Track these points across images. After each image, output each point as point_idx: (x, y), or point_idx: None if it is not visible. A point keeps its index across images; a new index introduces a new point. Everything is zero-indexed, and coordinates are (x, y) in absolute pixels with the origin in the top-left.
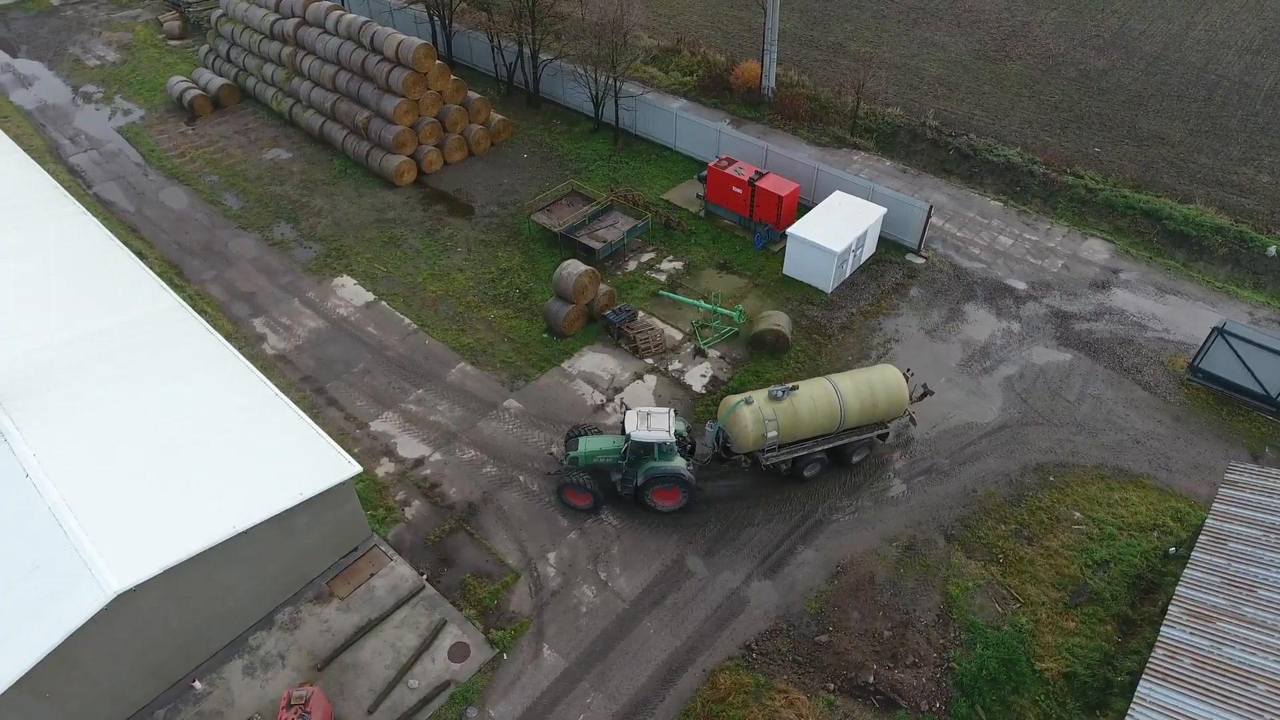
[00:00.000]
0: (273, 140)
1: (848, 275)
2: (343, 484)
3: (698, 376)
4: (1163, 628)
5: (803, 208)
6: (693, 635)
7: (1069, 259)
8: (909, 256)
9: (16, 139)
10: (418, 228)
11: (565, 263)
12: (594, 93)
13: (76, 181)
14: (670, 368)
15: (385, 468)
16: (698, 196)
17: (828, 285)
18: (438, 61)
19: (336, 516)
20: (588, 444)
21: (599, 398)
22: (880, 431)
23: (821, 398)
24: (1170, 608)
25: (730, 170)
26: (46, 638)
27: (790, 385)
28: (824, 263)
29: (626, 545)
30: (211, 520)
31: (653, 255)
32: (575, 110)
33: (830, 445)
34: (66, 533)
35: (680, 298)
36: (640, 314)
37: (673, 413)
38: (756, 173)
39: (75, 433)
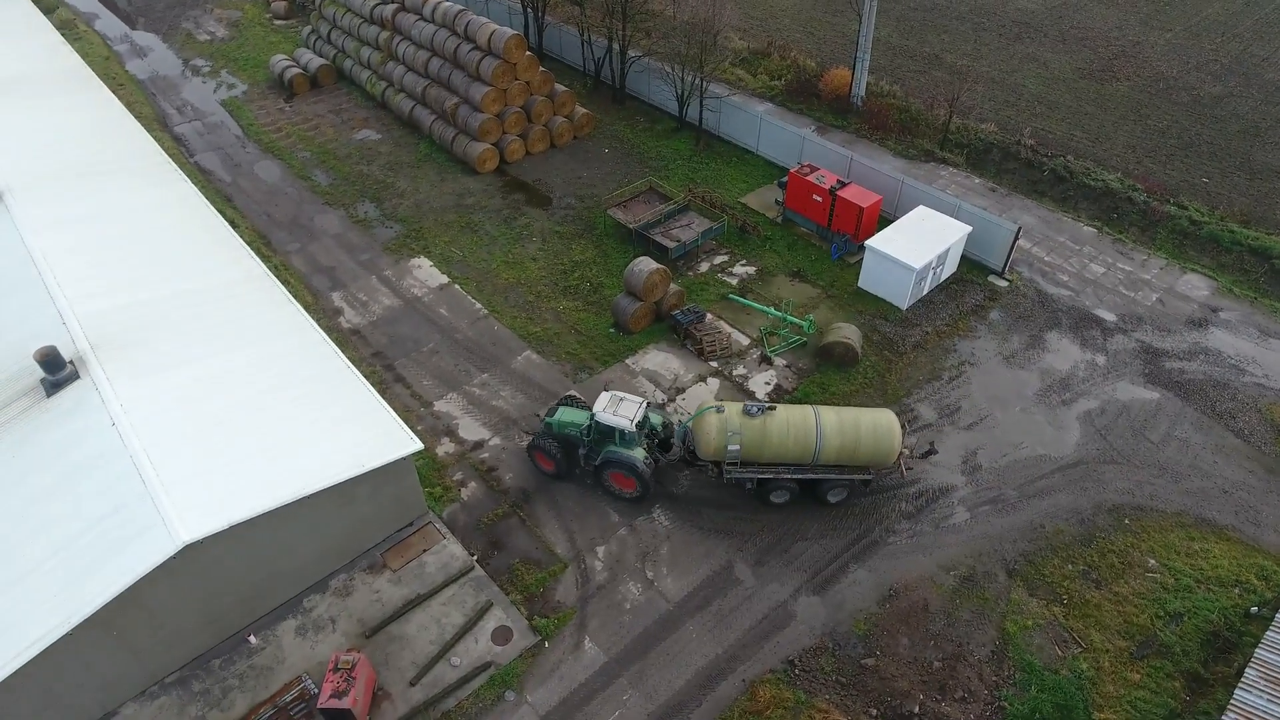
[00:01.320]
0: (364, 121)
1: (925, 293)
2: (404, 459)
3: (762, 384)
4: (1237, 690)
5: (883, 220)
6: (735, 644)
7: (1165, 293)
8: (992, 278)
9: (129, 106)
10: (495, 215)
11: (637, 259)
12: (679, 92)
13: (180, 150)
14: (734, 373)
15: (445, 447)
16: (776, 202)
17: (903, 301)
18: (527, 53)
19: (395, 490)
20: (564, 414)
21: (660, 397)
22: (863, 477)
23: (798, 426)
24: (1247, 670)
25: (811, 178)
26: (118, 578)
27: (769, 405)
28: (901, 278)
29: (676, 546)
30: (278, 482)
31: (725, 258)
32: (659, 108)
33: (803, 476)
34: (145, 481)
35: (750, 303)
36: (708, 316)
37: (645, 404)
38: (839, 182)
39: (160, 386)
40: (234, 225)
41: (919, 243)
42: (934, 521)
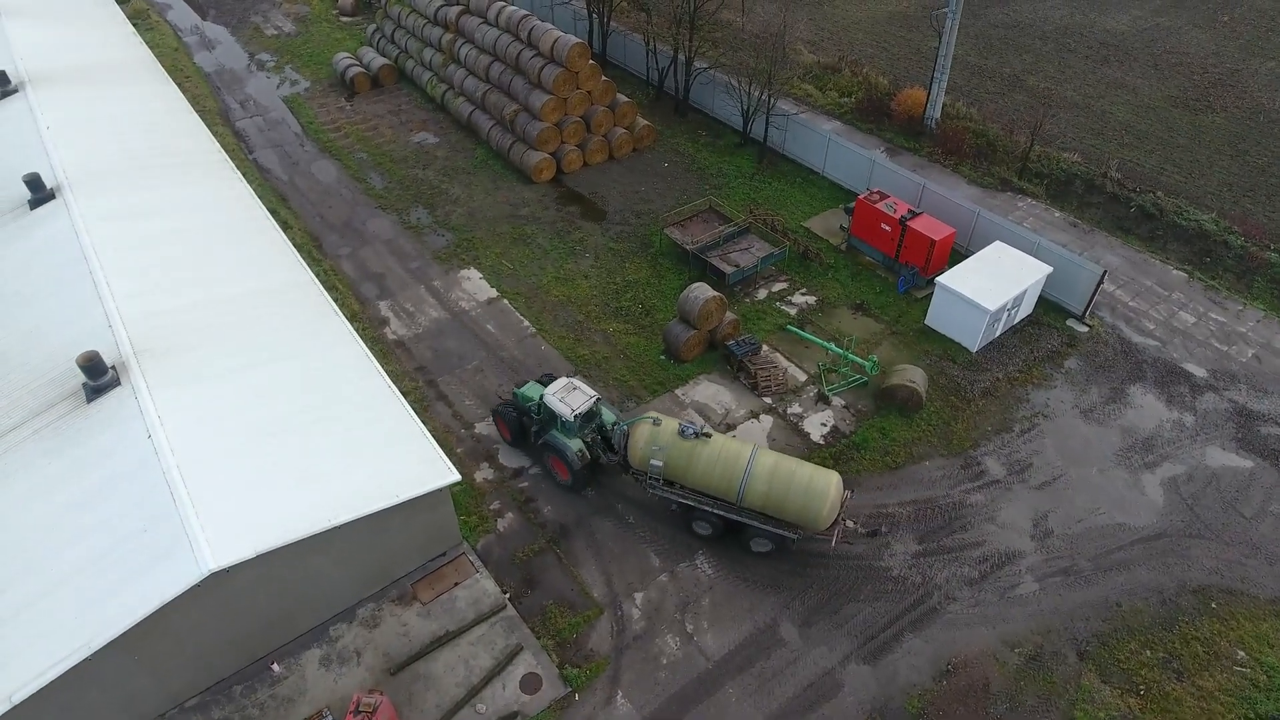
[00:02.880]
0: (422, 124)
1: (998, 335)
2: (440, 490)
3: (818, 424)
4: None
5: (956, 254)
6: (777, 712)
7: (1262, 348)
8: (1070, 322)
9: (194, 99)
10: (549, 227)
11: (693, 285)
12: (745, 107)
13: (240, 146)
14: (789, 410)
15: (484, 473)
16: (841, 228)
17: (974, 344)
18: (590, 61)
19: (430, 520)
20: (529, 389)
21: (708, 430)
22: (788, 534)
23: (728, 460)
24: None
25: (881, 205)
26: (142, 603)
27: (705, 430)
28: (973, 319)
29: (718, 598)
30: (309, 509)
31: (785, 286)
32: (722, 122)
33: (726, 514)
34: (175, 499)
35: (809, 336)
36: (764, 348)
37: (596, 400)
38: (910, 211)
39: (199, 398)
40: (286, 226)
41: (994, 282)
42: (999, 590)
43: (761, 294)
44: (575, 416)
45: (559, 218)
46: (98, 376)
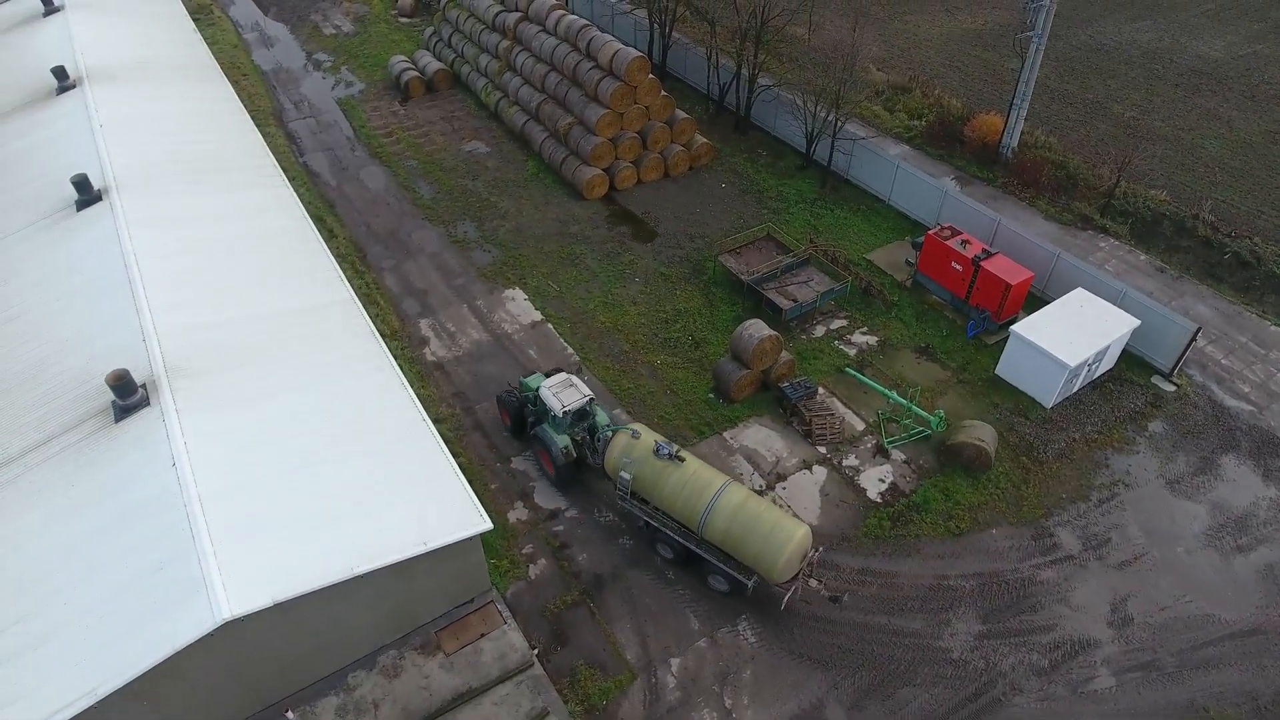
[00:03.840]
0: (474, 132)
1: (1075, 390)
2: (471, 538)
3: (875, 480)
4: None
5: (1031, 297)
6: None
7: None
8: (1156, 380)
9: (249, 98)
10: (598, 248)
11: (747, 323)
12: (809, 128)
13: (291, 148)
14: (845, 462)
15: (518, 513)
16: (907, 263)
17: (1049, 399)
18: (650, 76)
19: (458, 566)
20: (533, 379)
21: (758, 482)
22: (743, 579)
23: (696, 488)
24: None
25: (952, 243)
26: (152, 651)
27: (679, 454)
28: (1051, 374)
29: (761, 671)
30: (332, 553)
31: (844, 323)
32: (784, 142)
33: (683, 542)
34: (194, 537)
35: (869, 382)
36: (820, 391)
37: (590, 400)
38: (984, 251)
39: (227, 425)
40: (331, 235)
41: (1075, 333)
42: (1070, 684)
43: (819, 331)
44: (565, 413)
45: (609, 238)
46: (127, 396)
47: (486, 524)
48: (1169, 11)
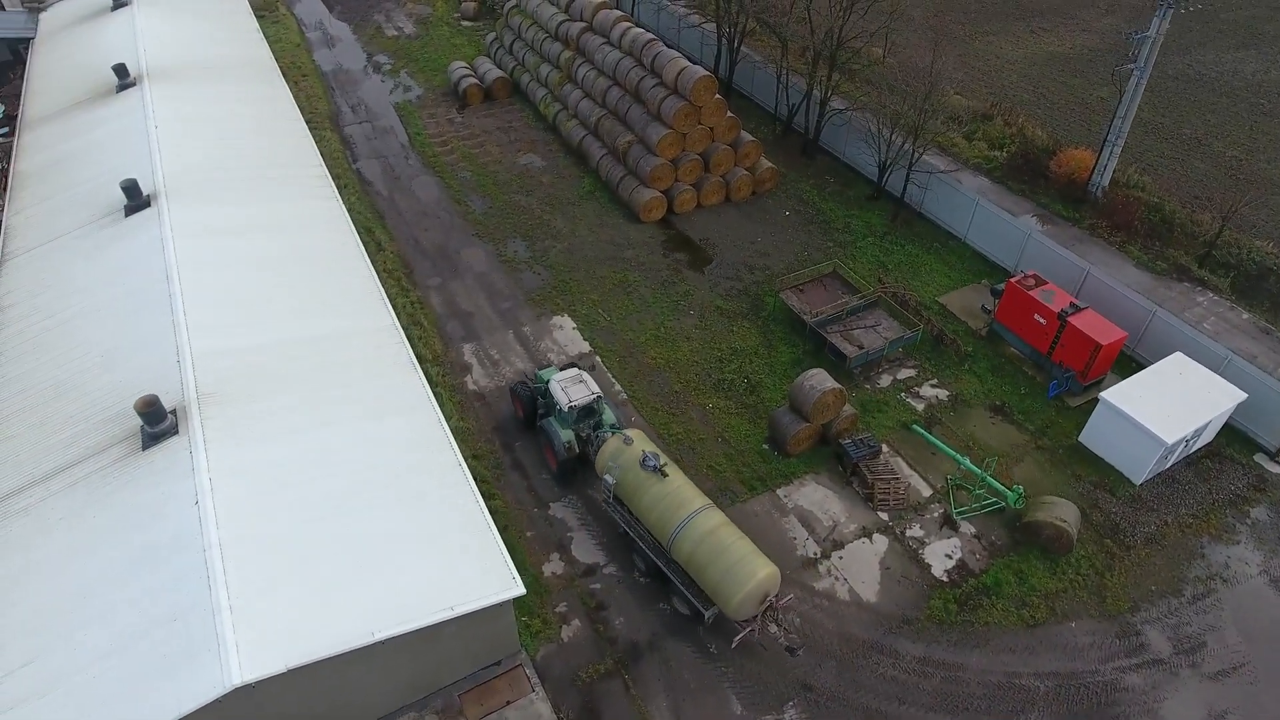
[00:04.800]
0: (530, 144)
1: (1169, 465)
2: (502, 603)
3: (941, 555)
4: None
5: (1123, 359)
6: None
7: None
8: (1260, 458)
9: (307, 100)
10: (653, 275)
11: (809, 373)
12: (883, 157)
13: (345, 153)
14: (908, 532)
15: (554, 566)
16: (984, 310)
17: (1139, 475)
18: (716, 96)
19: (487, 629)
20: (546, 372)
21: (812, 549)
22: (701, 608)
23: (672, 504)
24: None
25: (1036, 293)
26: (160, 714)
27: (664, 468)
28: (1143, 449)
29: None
30: (352, 614)
31: (913, 373)
32: (854, 169)
33: (656, 559)
34: (211, 587)
35: (939, 443)
36: (884, 449)
37: (598, 397)
38: (1072, 305)
39: (254, 461)
40: (380, 248)
41: (1173, 405)
42: None
43: (885, 380)
44: (570, 408)
45: (664, 265)
46: (156, 423)
47: (519, 588)
48: (1275, 41)
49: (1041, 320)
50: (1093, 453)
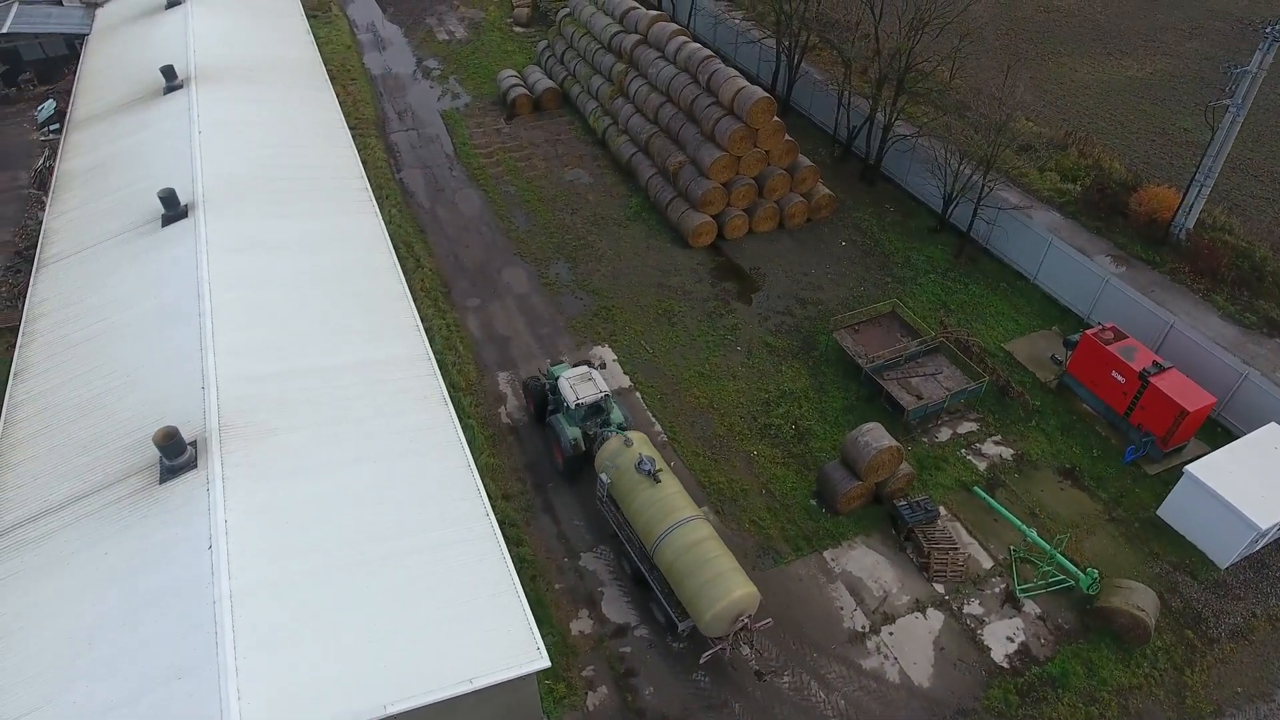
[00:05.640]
0: (578, 159)
1: (1259, 549)
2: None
3: (1002, 637)
4: None
5: (1210, 426)
6: None
7: None
8: None
9: (355, 105)
10: (699, 306)
11: (865, 427)
12: (949, 188)
13: (389, 161)
14: (966, 608)
15: (582, 624)
16: (1054, 360)
17: (1225, 559)
18: (775, 119)
19: (508, 700)
20: (559, 368)
21: (860, 621)
22: (676, 618)
23: (661, 510)
24: None
25: (1115, 349)
26: None
27: (658, 474)
28: (1232, 532)
29: None
30: (365, 685)
31: (974, 427)
32: (916, 198)
33: (640, 564)
34: (218, 645)
35: (1003, 510)
36: (941, 514)
37: (606, 396)
38: (1155, 365)
39: (272, 502)
40: (419, 264)
41: (1268, 484)
42: None
43: (944, 434)
44: (577, 405)
45: (712, 295)
46: (175, 456)
47: (543, 660)
48: None
49: (1120, 378)
50: (1173, 529)
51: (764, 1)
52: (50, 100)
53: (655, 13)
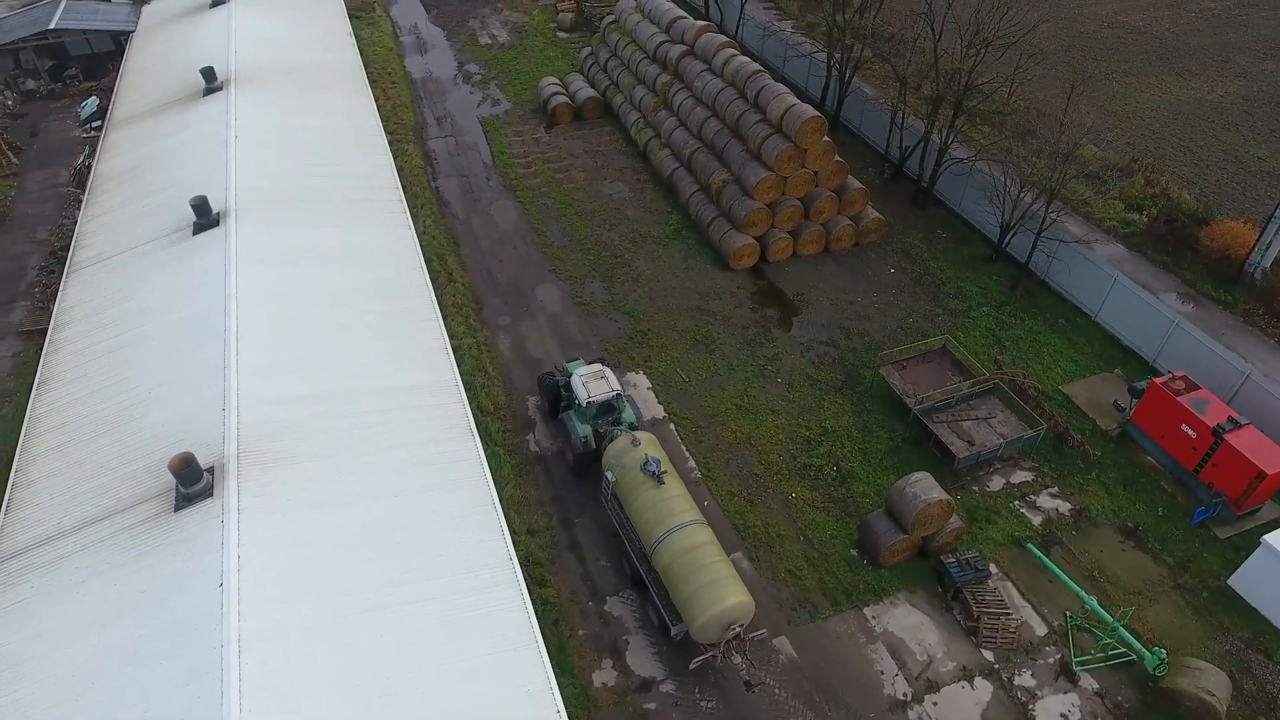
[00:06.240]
0: (618, 171)
1: None
2: None
3: (1055, 713)
4: None
5: None
6: None
7: None
8: None
9: (394, 109)
10: (739, 333)
11: (913, 477)
12: (1007, 216)
13: (426, 168)
14: (1017, 679)
15: (604, 675)
16: (1116, 407)
17: None
18: (825, 139)
19: None
20: (573, 365)
21: (901, 688)
22: (669, 622)
23: (660, 513)
24: None
25: (1186, 400)
26: None
27: (662, 476)
28: None
29: None
30: None
31: (1029, 477)
32: (971, 225)
33: (636, 563)
34: (223, 694)
35: (1059, 572)
36: (992, 574)
37: (618, 395)
38: (1230, 420)
39: (289, 535)
40: (451, 279)
41: None
42: None
43: (996, 483)
44: (589, 403)
45: (752, 321)
46: (191, 484)
47: None
48: None
49: (1191, 432)
50: (1245, 601)
51: (815, 13)
52: (94, 97)
53: (703, 23)
